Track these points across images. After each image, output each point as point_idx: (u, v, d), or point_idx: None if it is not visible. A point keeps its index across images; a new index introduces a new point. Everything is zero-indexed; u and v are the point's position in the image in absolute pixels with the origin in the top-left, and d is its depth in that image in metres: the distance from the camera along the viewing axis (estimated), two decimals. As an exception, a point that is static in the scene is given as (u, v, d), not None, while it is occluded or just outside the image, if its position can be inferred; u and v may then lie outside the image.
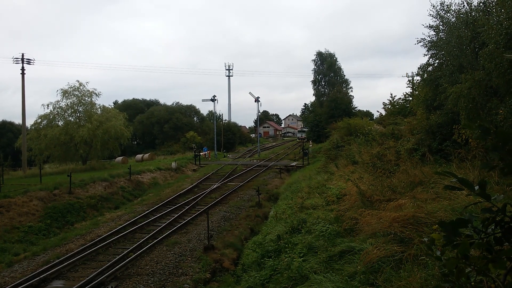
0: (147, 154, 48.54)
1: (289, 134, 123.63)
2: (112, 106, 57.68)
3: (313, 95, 68.76)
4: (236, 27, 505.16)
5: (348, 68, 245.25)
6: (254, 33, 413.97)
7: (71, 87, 37.78)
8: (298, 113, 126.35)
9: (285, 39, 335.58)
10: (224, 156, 51.23)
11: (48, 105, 37.50)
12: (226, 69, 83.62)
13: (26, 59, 39.42)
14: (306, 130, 72.85)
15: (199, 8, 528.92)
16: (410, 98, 29.97)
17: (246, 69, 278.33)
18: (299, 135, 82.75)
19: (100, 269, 11.48)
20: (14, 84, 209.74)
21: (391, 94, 35.89)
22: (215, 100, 50.63)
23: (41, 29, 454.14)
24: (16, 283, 10.78)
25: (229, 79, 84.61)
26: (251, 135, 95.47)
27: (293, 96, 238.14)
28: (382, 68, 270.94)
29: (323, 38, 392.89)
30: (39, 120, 37.45)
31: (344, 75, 67.34)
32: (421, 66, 17.21)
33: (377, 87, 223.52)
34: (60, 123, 37.68)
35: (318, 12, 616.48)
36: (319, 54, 67.07)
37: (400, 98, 34.78)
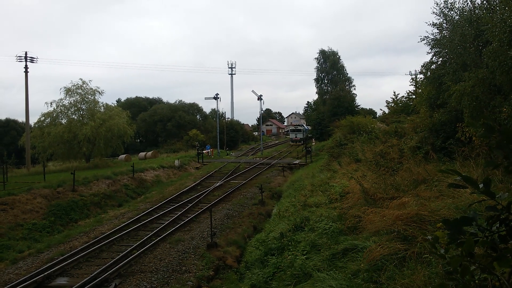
0: (150, 152, 48.64)
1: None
2: (115, 104, 57.91)
3: (316, 93, 68.57)
4: (242, 26, 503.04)
5: (354, 66, 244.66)
6: (260, 32, 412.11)
7: (74, 85, 37.92)
8: (301, 111, 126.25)
9: (290, 37, 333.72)
10: (227, 154, 51.27)
11: (51, 103, 37.73)
12: (229, 67, 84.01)
13: (30, 57, 39.65)
14: (302, 128, 65.24)
15: (205, 7, 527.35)
16: (414, 96, 29.92)
17: (250, 68, 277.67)
18: (292, 135, 64.64)
19: (103, 266, 11.52)
20: (19, 83, 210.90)
21: (394, 92, 35.85)
22: (218, 98, 50.67)
23: (47, 28, 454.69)
24: (20, 279, 10.84)
25: (231, 77, 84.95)
26: (254, 133, 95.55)
27: (297, 94, 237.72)
28: (388, 66, 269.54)
29: (330, 36, 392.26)
30: (43, 118, 37.63)
31: (347, 73, 67.29)
32: (424, 64, 17.17)
33: (382, 85, 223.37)
34: (64, 121, 37.83)
35: (325, 10, 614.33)
36: (322, 52, 66.92)
37: (403, 96, 34.76)
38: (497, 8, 12.40)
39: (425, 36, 16.21)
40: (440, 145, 14.75)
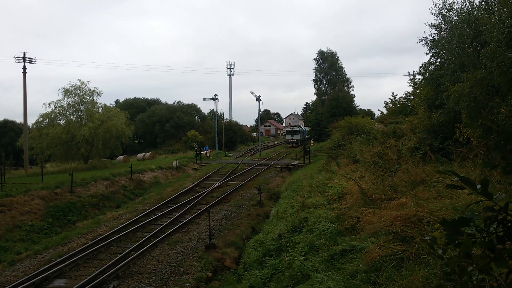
0: (149, 153, 48.58)
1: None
2: (114, 105, 57.83)
3: (315, 94, 68.64)
4: (242, 26, 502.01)
5: (353, 66, 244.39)
6: (260, 32, 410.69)
7: (72, 86, 37.83)
8: (300, 112, 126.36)
9: (290, 37, 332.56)
10: (226, 155, 51.24)
11: (49, 104, 37.59)
12: (228, 68, 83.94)
13: (28, 58, 39.53)
14: (299, 129, 63.25)
15: (206, 7, 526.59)
16: (412, 97, 29.97)
17: (251, 68, 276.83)
18: (288, 137, 61.57)
19: (101, 268, 11.49)
20: (18, 83, 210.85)
21: (393, 93, 35.91)
22: (217, 99, 50.65)
23: (47, 27, 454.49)
24: (18, 281, 10.80)
25: (230, 78, 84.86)
26: (253, 134, 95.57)
27: (296, 95, 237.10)
28: (389, 66, 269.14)
29: (330, 36, 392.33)
30: (41, 119, 37.52)
31: (346, 74, 67.37)
32: (423, 65, 17.23)
33: (382, 85, 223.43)
34: (62, 122, 37.72)
35: (325, 9, 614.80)
36: (321, 53, 67.00)
37: (401, 97, 34.83)
38: (495, 9, 12.44)
39: (423, 37, 16.27)
40: (438, 146, 14.78)
